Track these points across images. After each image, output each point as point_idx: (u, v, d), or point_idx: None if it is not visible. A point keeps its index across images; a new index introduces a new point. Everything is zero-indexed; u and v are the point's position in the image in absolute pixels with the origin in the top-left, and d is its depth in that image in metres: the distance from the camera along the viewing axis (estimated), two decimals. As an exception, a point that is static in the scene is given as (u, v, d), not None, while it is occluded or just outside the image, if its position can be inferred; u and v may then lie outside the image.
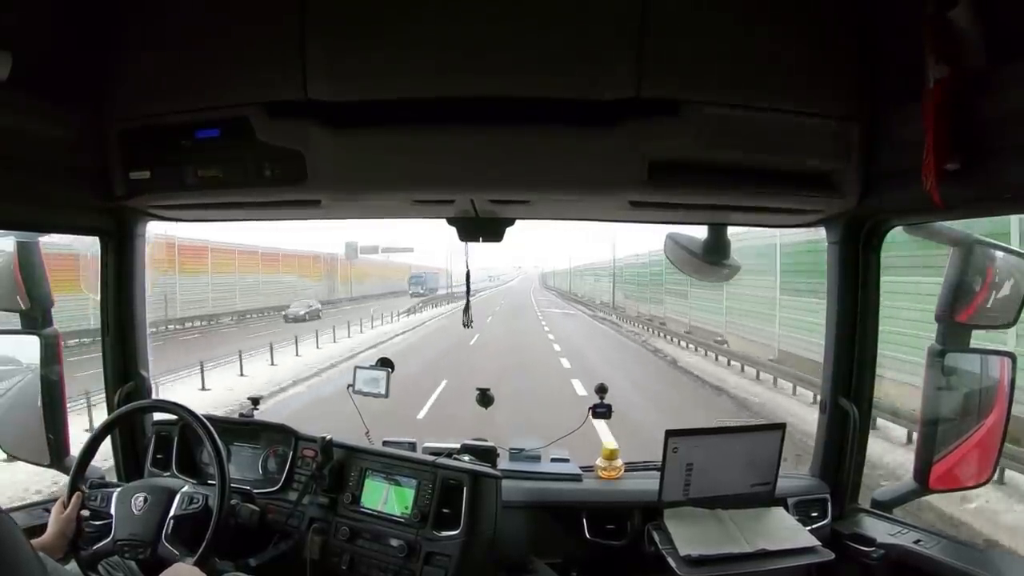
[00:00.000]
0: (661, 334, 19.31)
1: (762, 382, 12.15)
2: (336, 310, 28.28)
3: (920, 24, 1.15)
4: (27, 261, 1.88)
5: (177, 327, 20.54)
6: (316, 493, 1.84)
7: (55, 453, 1.92)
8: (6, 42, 1.17)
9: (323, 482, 1.83)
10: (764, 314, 14.16)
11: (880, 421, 7.76)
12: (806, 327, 11.89)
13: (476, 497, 1.72)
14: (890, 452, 7.38)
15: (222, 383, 12.23)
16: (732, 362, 13.75)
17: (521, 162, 1.46)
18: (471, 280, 2.08)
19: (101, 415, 1.89)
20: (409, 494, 1.77)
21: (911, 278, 8.06)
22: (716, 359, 14.55)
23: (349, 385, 2.06)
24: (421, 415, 9.23)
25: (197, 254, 23.18)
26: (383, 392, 2.03)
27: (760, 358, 12.99)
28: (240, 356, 13.80)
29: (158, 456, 1.99)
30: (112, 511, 1.62)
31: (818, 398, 2.03)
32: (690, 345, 16.56)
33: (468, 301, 2.11)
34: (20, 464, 2.97)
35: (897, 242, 1.87)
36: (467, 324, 2.09)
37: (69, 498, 1.64)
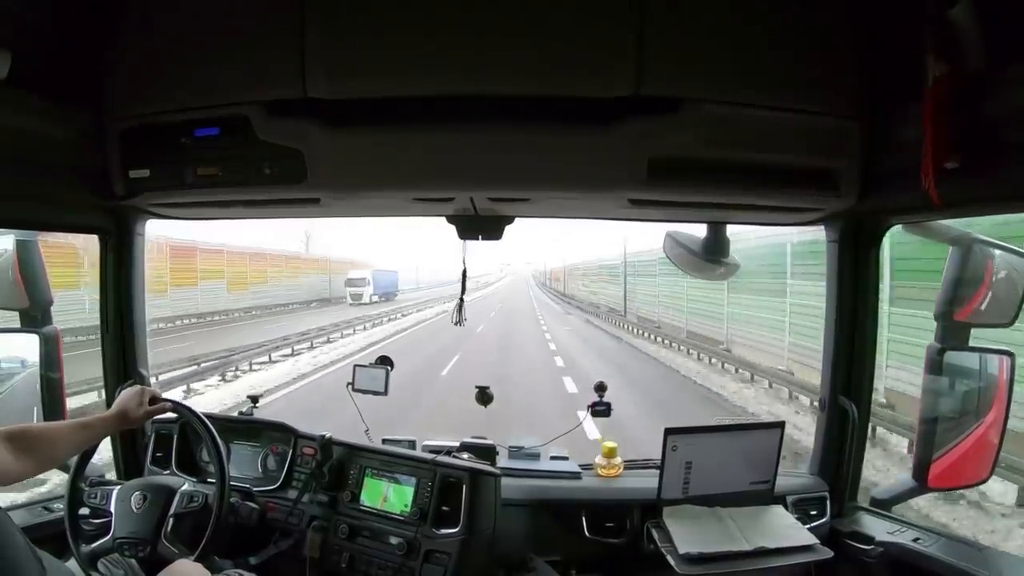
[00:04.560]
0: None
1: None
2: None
3: (920, 23, 1.15)
4: (26, 260, 1.88)
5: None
6: (316, 491, 1.84)
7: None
8: (6, 41, 1.17)
9: (323, 480, 1.83)
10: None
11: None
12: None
13: (475, 495, 1.72)
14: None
15: None
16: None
17: (521, 160, 1.46)
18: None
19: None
20: (408, 492, 1.77)
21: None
22: None
23: (349, 383, 2.06)
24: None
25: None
26: (382, 390, 2.03)
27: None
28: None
29: (158, 454, 2.00)
30: (112, 509, 1.62)
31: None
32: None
33: (462, 300, 2.11)
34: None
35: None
36: (458, 323, 2.11)
37: (70, 498, 1.64)
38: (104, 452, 1.94)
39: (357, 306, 27.68)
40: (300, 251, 33.38)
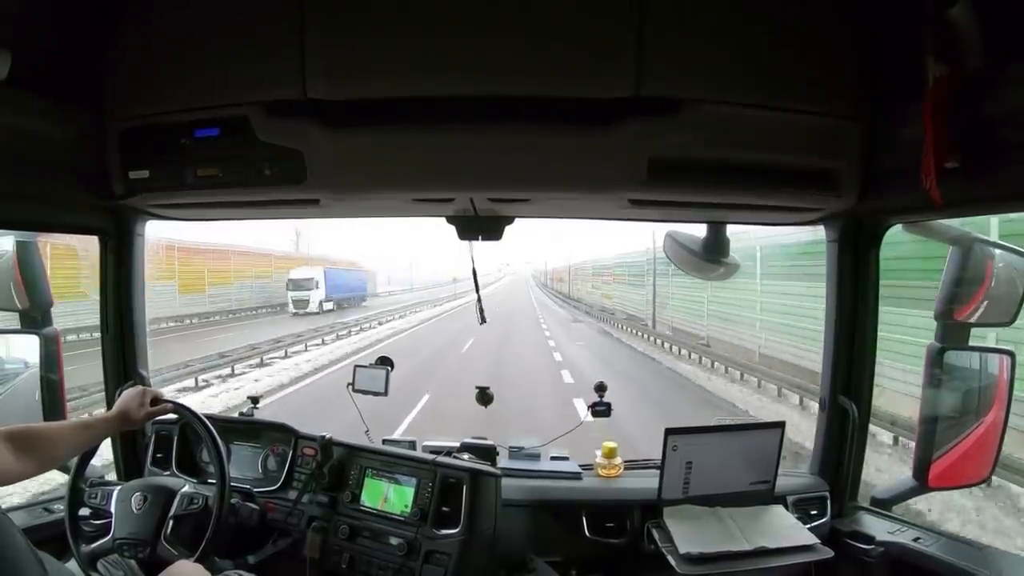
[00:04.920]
0: None
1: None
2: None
3: (920, 23, 1.16)
4: (26, 261, 1.88)
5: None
6: (316, 492, 1.84)
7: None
8: (6, 41, 1.17)
9: (323, 481, 1.83)
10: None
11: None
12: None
13: (476, 495, 1.72)
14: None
15: None
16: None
17: (521, 160, 1.46)
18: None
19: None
20: (409, 492, 1.77)
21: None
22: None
23: (349, 383, 2.06)
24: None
25: None
26: (382, 391, 2.03)
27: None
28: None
29: (158, 455, 2.00)
30: (112, 510, 1.62)
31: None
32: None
33: (480, 298, 2.15)
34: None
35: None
36: (483, 322, 2.18)
37: (70, 499, 1.64)
38: (104, 453, 1.94)
39: (305, 316, 22.22)
40: (290, 250, 30.66)
